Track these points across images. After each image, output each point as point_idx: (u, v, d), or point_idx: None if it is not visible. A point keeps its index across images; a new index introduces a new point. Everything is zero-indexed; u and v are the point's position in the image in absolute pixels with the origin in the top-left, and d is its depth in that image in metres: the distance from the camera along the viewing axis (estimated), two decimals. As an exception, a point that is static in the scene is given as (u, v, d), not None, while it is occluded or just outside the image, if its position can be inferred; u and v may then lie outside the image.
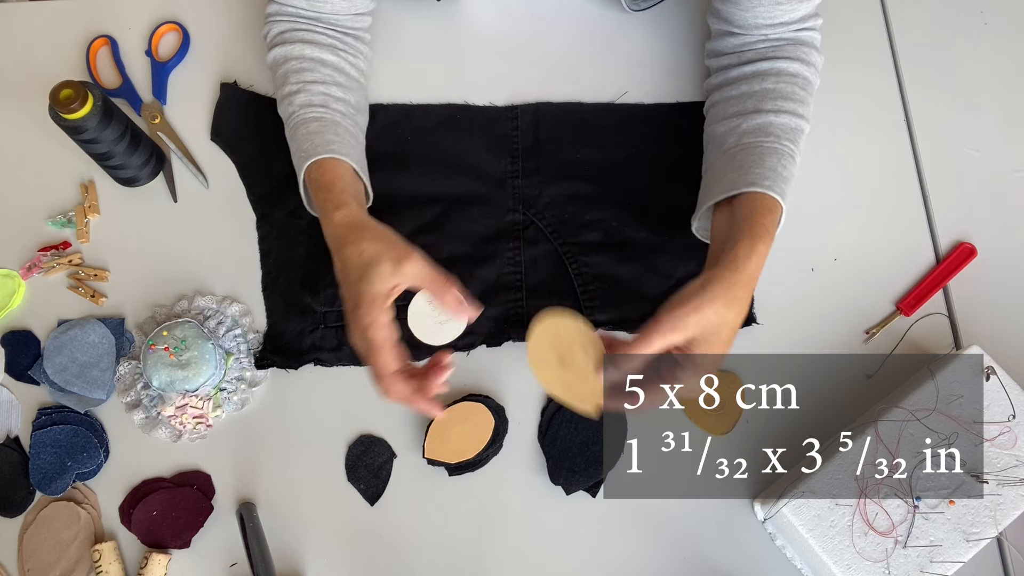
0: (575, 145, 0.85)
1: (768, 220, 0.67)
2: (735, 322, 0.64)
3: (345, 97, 0.77)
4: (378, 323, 0.64)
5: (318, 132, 0.73)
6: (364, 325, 0.63)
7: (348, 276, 0.66)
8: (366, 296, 0.64)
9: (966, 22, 0.91)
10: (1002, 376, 0.71)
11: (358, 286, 0.64)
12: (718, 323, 0.62)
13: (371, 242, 0.66)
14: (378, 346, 0.64)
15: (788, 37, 0.76)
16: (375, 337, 0.64)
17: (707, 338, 0.62)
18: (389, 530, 0.73)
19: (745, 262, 0.64)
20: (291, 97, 0.75)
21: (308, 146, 0.72)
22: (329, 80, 0.76)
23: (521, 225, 0.82)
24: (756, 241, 0.65)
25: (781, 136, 0.72)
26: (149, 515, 0.73)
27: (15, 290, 0.81)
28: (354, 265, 0.65)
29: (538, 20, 0.91)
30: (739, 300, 0.63)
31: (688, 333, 0.62)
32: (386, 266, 0.64)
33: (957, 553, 0.65)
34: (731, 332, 0.64)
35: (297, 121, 0.74)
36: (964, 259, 0.80)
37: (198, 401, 0.74)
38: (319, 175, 0.71)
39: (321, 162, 0.71)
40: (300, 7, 0.78)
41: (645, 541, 0.73)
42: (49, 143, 0.85)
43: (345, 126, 0.75)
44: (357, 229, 0.67)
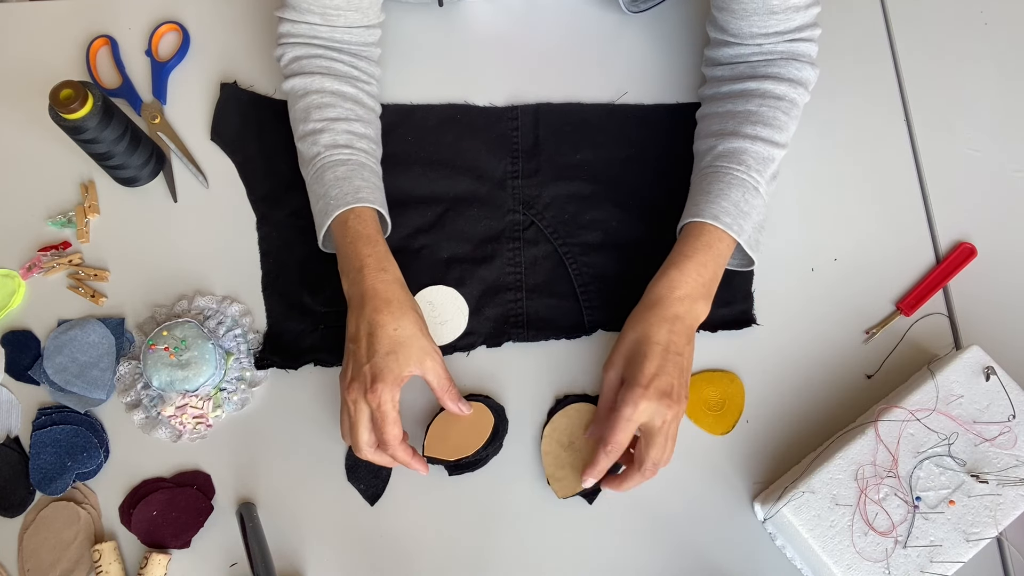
0: (575, 146, 0.85)
1: (704, 250, 0.71)
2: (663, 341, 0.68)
3: (367, 133, 0.78)
4: (395, 399, 0.67)
5: (346, 178, 0.74)
6: (383, 400, 0.67)
7: (375, 342, 0.68)
8: (392, 374, 0.67)
9: (966, 22, 0.91)
10: (1002, 376, 0.71)
11: (386, 360, 0.67)
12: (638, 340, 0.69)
13: (411, 323, 0.69)
14: (393, 420, 0.67)
15: (782, 49, 0.77)
16: (391, 411, 0.67)
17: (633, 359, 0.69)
18: (389, 530, 0.73)
19: (666, 290, 0.70)
20: (316, 136, 0.76)
21: (337, 192, 0.73)
22: (351, 116, 0.77)
23: (521, 225, 0.82)
24: (683, 272, 0.71)
25: (751, 166, 0.74)
26: (149, 515, 0.73)
27: (15, 290, 0.81)
28: (388, 336, 0.68)
29: (538, 21, 0.91)
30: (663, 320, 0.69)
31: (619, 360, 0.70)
32: (416, 354, 0.68)
33: (957, 553, 0.65)
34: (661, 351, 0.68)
35: (323, 164, 0.75)
36: (964, 259, 0.80)
37: (198, 401, 0.74)
38: (360, 225, 0.73)
39: (359, 211, 0.73)
40: (314, 23, 0.78)
41: (645, 541, 0.73)
42: (49, 143, 0.85)
43: (370, 166, 0.77)
44: (402, 301, 0.70)
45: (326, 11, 0.77)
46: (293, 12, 0.78)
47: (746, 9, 0.75)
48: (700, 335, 0.78)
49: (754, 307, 0.79)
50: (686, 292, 0.70)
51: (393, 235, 0.80)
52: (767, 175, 0.74)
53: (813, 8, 0.76)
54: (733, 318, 0.79)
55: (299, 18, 0.78)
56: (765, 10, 0.74)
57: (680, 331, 0.69)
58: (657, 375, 0.66)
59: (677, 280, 0.70)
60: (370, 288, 0.70)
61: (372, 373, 0.67)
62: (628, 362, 0.69)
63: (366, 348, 0.68)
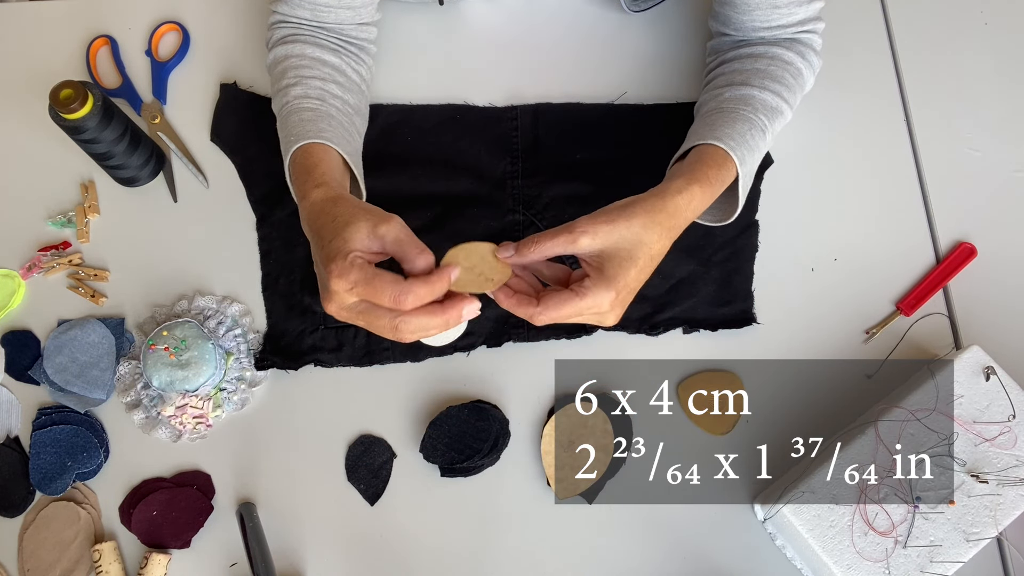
0: (575, 146, 0.85)
1: (712, 170, 0.67)
2: (653, 248, 0.63)
3: (343, 96, 0.75)
4: (357, 265, 0.57)
5: (311, 120, 0.70)
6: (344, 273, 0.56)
7: (321, 241, 0.59)
8: (343, 250, 0.57)
9: (966, 22, 0.91)
10: (1002, 376, 0.71)
11: (332, 245, 0.58)
12: (632, 240, 0.62)
13: (347, 208, 0.61)
14: (372, 274, 0.57)
15: (787, 38, 0.77)
16: (363, 274, 0.56)
17: (618, 254, 0.62)
18: (389, 530, 0.73)
19: (674, 195, 0.65)
20: (287, 90, 0.73)
21: (298, 131, 0.69)
22: (328, 78, 0.75)
23: (521, 225, 0.82)
24: (691, 182, 0.66)
25: (759, 109, 0.72)
26: (149, 515, 0.73)
27: (15, 290, 0.81)
28: (328, 229, 0.59)
29: (538, 21, 0.91)
30: (659, 226, 0.63)
31: (598, 242, 0.61)
32: (362, 225, 0.58)
33: (957, 553, 0.65)
34: (647, 258, 0.63)
35: (290, 110, 0.72)
36: (964, 259, 0.80)
37: (198, 401, 0.74)
38: (303, 159, 0.67)
39: (308, 147, 0.67)
40: (304, 17, 0.78)
41: (645, 541, 0.73)
42: (49, 143, 0.85)
43: (339, 120, 0.72)
44: (332, 201, 0.62)
45: (316, 7, 0.77)
46: (284, 5, 0.78)
47: (749, 3, 0.74)
48: (700, 335, 0.78)
49: (754, 306, 0.79)
50: (694, 211, 0.66)
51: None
52: (774, 126, 0.73)
53: (816, 2, 0.76)
54: (733, 317, 0.79)
55: (289, 12, 0.78)
56: (768, 4, 0.74)
57: (669, 240, 0.65)
58: (631, 287, 0.62)
59: (698, 198, 0.66)
60: (308, 212, 0.63)
61: (325, 262, 0.58)
62: (612, 252, 0.62)
63: (318, 253, 0.60)
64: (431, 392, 0.77)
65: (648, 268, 0.64)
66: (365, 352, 0.78)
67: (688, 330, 0.78)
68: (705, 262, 0.80)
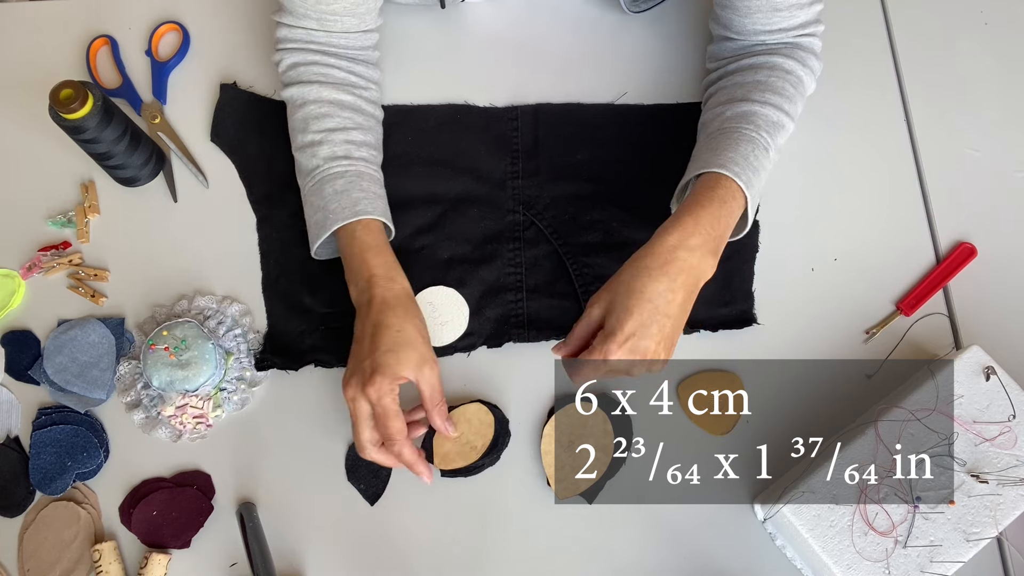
0: (575, 146, 0.85)
1: (715, 201, 0.68)
2: (646, 292, 0.64)
3: (366, 140, 0.78)
4: (394, 394, 0.67)
5: (344, 191, 0.74)
6: (382, 394, 0.67)
7: (378, 341, 0.68)
8: (390, 369, 0.67)
9: (966, 22, 0.91)
10: (1002, 376, 0.71)
11: (386, 356, 0.67)
12: (623, 293, 0.65)
13: (414, 329, 0.70)
14: (395, 414, 0.67)
15: (787, 42, 0.77)
16: (392, 405, 0.67)
17: (613, 309, 0.65)
18: (389, 530, 0.73)
19: (662, 237, 0.66)
20: (314, 148, 0.76)
21: (336, 206, 0.73)
22: (349, 125, 0.77)
23: (521, 226, 0.82)
24: (683, 215, 0.67)
25: (761, 126, 0.73)
26: (149, 515, 0.73)
27: (15, 290, 0.81)
28: (391, 337, 0.68)
29: (538, 22, 0.91)
30: (648, 271, 0.65)
31: (600, 306, 0.66)
32: (416, 358, 0.68)
33: (957, 553, 0.65)
34: (647, 302, 0.64)
35: (323, 177, 0.75)
36: (964, 259, 0.80)
37: (198, 401, 0.74)
38: (366, 236, 0.73)
39: (367, 223, 0.73)
40: (311, 28, 0.78)
41: (645, 541, 0.73)
42: (49, 143, 0.85)
43: (369, 174, 0.77)
44: (408, 308, 0.71)
45: (323, 16, 0.77)
46: (290, 17, 0.78)
47: (749, 6, 0.75)
48: (700, 335, 0.78)
49: (754, 306, 0.79)
50: (699, 243, 0.65)
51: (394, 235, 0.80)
52: (777, 141, 0.74)
53: (816, 5, 0.76)
54: (733, 318, 0.79)
55: (296, 23, 0.78)
56: (768, 7, 0.74)
57: (680, 288, 0.65)
58: (635, 335, 0.63)
59: (691, 229, 0.66)
60: (379, 296, 0.70)
61: (371, 367, 0.67)
62: (611, 309, 0.65)
63: (368, 345, 0.69)
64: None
65: (655, 321, 0.64)
66: (365, 352, 0.78)
67: (688, 330, 0.78)
68: None
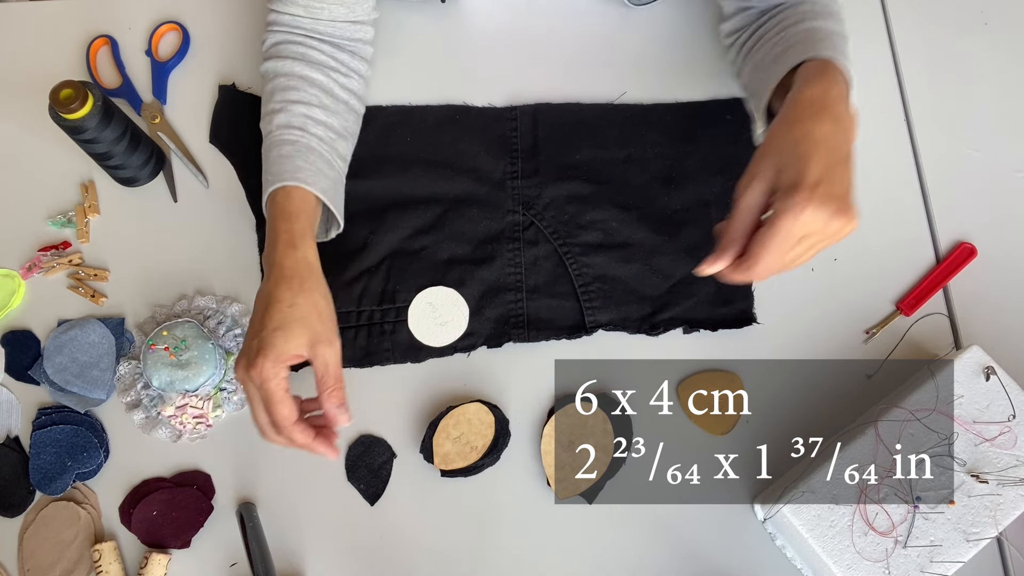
0: (574, 146, 0.85)
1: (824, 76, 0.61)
2: (821, 133, 0.57)
3: (327, 121, 0.76)
4: (280, 376, 0.63)
5: (288, 157, 0.72)
6: (266, 376, 0.62)
7: (267, 317, 0.64)
8: (275, 349, 0.63)
9: (966, 22, 0.91)
10: (1002, 376, 0.71)
11: (273, 335, 0.63)
12: (791, 142, 0.57)
13: (307, 303, 0.65)
14: (279, 399, 0.63)
15: None
16: (276, 390, 0.63)
17: (790, 165, 0.56)
18: (389, 530, 0.73)
19: (800, 88, 0.60)
20: (272, 116, 0.75)
21: (276, 170, 0.71)
22: (313, 101, 0.75)
23: (521, 226, 0.82)
24: (811, 77, 0.61)
25: (833, 35, 0.67)
26: (149, 515, 0.73)
27: (15, 290, 0.81)
28: (280, 312, 0.64)
29: (537, 21, 0.91)
30: (800, 119, 0.58)
31: (764, 169, 0.57)
32: (307, 335, 0.64)
33: (957, 553, 0.65)
34: (822, 143, 0.56)
35: (271, 142, 0.74)
36: (964, 259, 0.80)
37: (198, 401, 0.74)
38: (284, 202, 0.69)
39: (288, 189, 0.70)
40: (298, 14, 0.77)
41: (645, 542, 0.73)
42: (49, 143, 0.85)
43: (320, 151, 0.74)
44: (304, 279, 0.66)
45: (310, 3, 0.77)
46: (279, 3, 0.78)
47: None
48: (700, 335, 0.78)
49: (754, 306, 0.79)
50: (839, 93, 0.59)
51: (393, 236, 0.80)
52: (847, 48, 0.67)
53: None
54: (733, 317, 0.79)
55: (283, 8, 0.78)
56: None
57: (843, 132, 0.58)
58: (823, 181, 0.54)
59: (831, 80, 0.60)
60: (277, 263, 0.66)
61: (258, 347, 0.63)
62: (781, 168, 0.56)
63: (258, 321, 0.65)
64: (431, 392, 0.77)
65: (839, 163, 0.56)
66: (365, 353, 0.78)
67: (688, 330, 0.78)
68: None
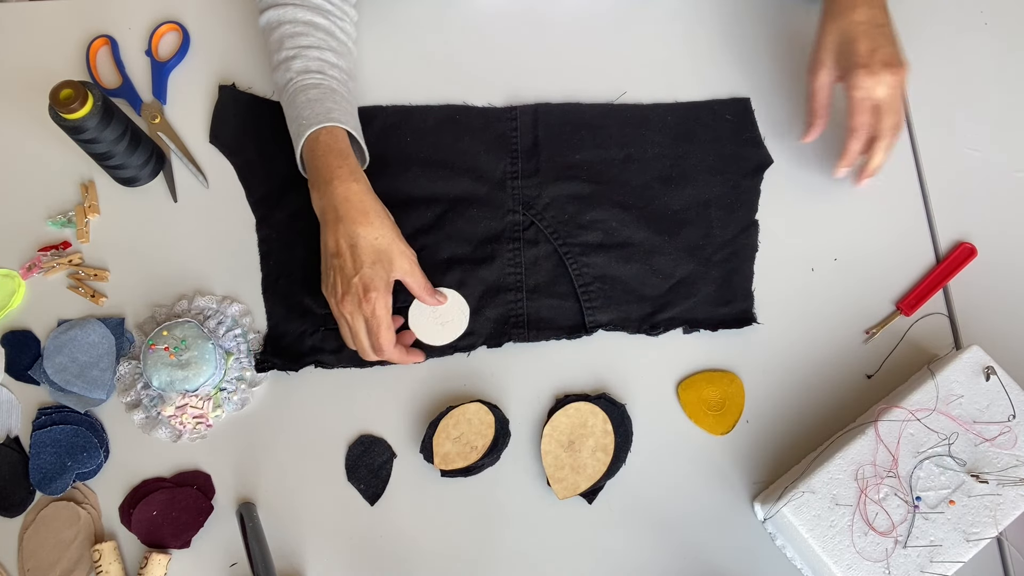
0: (574, 146, 0.85)
1: None
2: (860, 18, 0.73)
3: (339, 63, 0.80)
4: (389, 306, 0.70)
5: (318, 100, 0.76)
6: (377, 307, 0.69)
7: (359, 254, 0.70)
8: (382, 282, 0.70)
9: (966, 22, 0.91)
10: (1002, 376, 0.71)
11: (374, 269, 0.70)
12: (839, 32, 0.74)
13: (388, 232, 0.72)
14: (387, 326, 0.70)
15: None
16: (385, 317, 0.70)
17: (844, 50, 0.74)
18: (389, 530, 0.73)
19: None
20: (288, 63, 0.78)
21: (309, 113, 0.75)
22: (323, 45, 0.79)
23: (521, 226, 0.82)
24: None
25: None
26: (149, 515, 0.73)
27: (15, 290, 0.81)
28: (370, 248, 0.70)
29: (537, 21, 0.91)
30: (841, 8, 0.74)
31: (825, 57, 0.75)
32: (398, 260, 0.71)
33: (957, 553, 0.65)
34: (863, 25, 0.73)
35: (296, 88, 0.77)
36: (964, 259, 0.80)
37: (198, 401, 0.74)
38: (331, 141, 0.74)
39: (329, 129, 0.74)
40: None
41: (645, 541, 0.73)
42: (49, 143, 0.85)
43: (342, 93, 0.78)
44: (375, 211, 0.72)
45: None
46: None
47: None
48: (700, 335, 0.78)
49: (754, 306, 0.79)
50: None
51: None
52: None
53: None
54: (733, 317, 0.79)
55: None
56: None
57: (878, 10, 0.74)
58: (875, 50, 0.71)
59: None
60: (343, 199, 0.71)
61: (363, 284, 0.69)
62: (839, 53, 0.74)
63: (351, 261, 0.70)
64: (431, 392, 0.77)
65: (880, 33, 0.73)
66: (365, 352, 0.78)
67: (688, 330, 0.78)
68: (705, 262, 0.80)
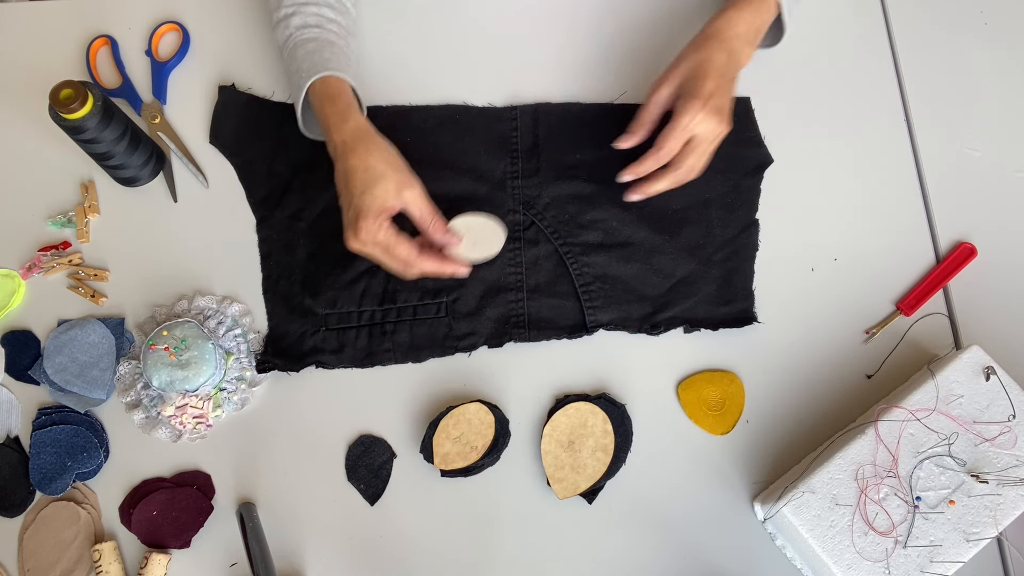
0: (575, 146, 0.85)
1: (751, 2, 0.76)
2: (715, 61, 0.73)
3: (336, 19, 0.81)
4: (384, 228, 0.70)
5: (316, 51, 0.77)
6: (372, 232, 0.69)
7: (351, 187, 0.70)
8: (371, 209, 0.69)
9: (966, 22, 0.91)
10: (1002, 376, 0.71)
11: (362, 198, 0.70)
12: (695, 63, 0.74)
13: (379, 160, 0.71)
14: (395, 242, 0.70)
15: None
16: (387, 238, 0.70)
17: (691, 77, 0.74)
18: (389, 530, 0.73)
19: (713, 21, 0.76)
20: (287, 20, 0.80)
21: (308, 65, 0.76)
22: (320, 1, 0.80)
23: (521, 226, 0.82)
24: (727, 8, 0.76)
25: None
26: (149, 515, 0.73)
27: (15, 290, 0.81)
28: (359, 178, 0.70)
29: (537, 21, 0.91)
30: (709, 43, 0.74)
31: (673, 79, 0.75)
32: (390, 186, 0.70)
33: (957, 553, 0.65)
34: (716, 69, 0.73)
35: (295, 43, 0.79)
36: (964, 259, 0.80)
37: (198, 401, 0.74)
38: (323, 88, 0.75)
39: (323, 78, 0.75)
40: None
41: (645, 541, 0.73)
42: (49, 143, 0.85)
43: (340, 46, 0.79)
44: (367, 142, 0.72)
45: None
46: None
47: None
48: (700, 335, 0.78)
49: (755, 306, 0.79)
50: (742, 31, 0.75)
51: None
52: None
53: None
54: (734, 317, 0.79)
55: None
56: None
57: (733, 64, 0.75)
58: (714, 94, 0.72)
59: (736, 19, 0.76)
60: (338, 140, 0.72)
61: (355, 215, 0.70)
62: (686, 80, 0.74)
63: (346, 196, 0.71)
64: (431, 392, 0.77)
65: (725, 84, 0.74)
66: (366, 353, 0.78)
67: (688, 330, 0.78)
68: (705, 261, 0.80)
